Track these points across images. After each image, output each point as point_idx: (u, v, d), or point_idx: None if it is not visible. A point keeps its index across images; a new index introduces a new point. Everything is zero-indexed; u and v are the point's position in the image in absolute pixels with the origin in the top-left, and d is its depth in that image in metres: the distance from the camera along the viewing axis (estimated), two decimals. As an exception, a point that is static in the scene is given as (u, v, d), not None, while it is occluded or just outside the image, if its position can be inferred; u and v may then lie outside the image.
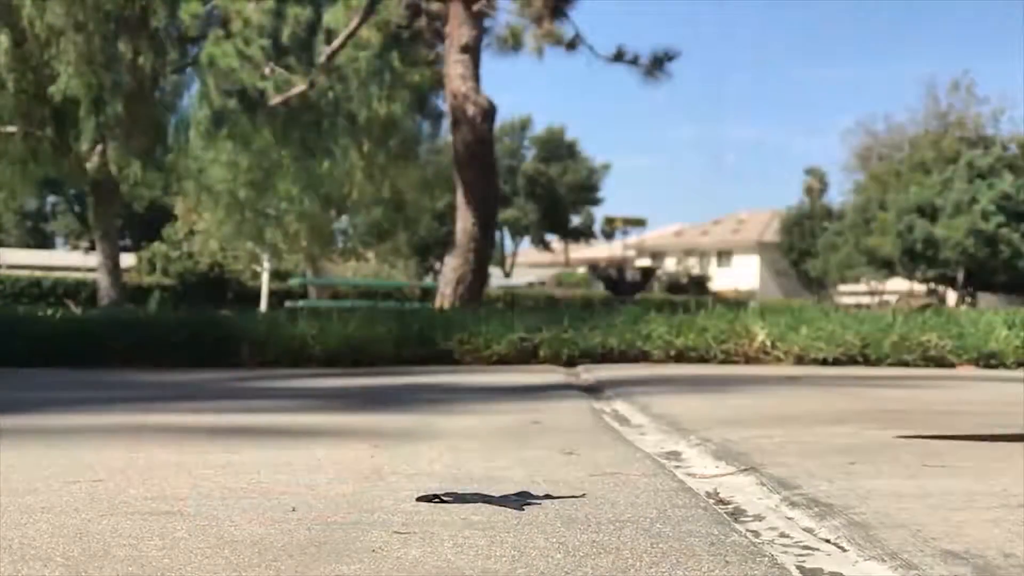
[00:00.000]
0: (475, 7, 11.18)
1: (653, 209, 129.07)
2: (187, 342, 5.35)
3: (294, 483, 1.63)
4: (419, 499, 1.47)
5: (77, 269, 35.07)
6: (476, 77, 11.03)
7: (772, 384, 4.10)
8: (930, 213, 37.02)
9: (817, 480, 1.64)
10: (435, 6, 12.68)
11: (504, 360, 5.29)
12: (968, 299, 35.61)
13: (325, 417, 2.79)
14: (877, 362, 5.52)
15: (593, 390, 3.79)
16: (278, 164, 20.23)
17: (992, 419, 2.70)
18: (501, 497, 1.46)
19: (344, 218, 28.70)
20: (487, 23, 12.21)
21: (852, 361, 5.51)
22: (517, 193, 52.70)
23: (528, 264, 59.34)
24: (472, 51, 11.07)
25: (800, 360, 5.49)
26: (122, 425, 2.55)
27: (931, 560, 1.11)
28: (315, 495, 1.51)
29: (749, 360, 5.52)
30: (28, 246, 49.64)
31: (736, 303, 10.90)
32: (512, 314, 6.25)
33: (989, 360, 5.56)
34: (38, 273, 29.88)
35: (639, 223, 46.97)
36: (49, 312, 6.73)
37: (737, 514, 1.45)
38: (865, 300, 38.77)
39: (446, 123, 15.76)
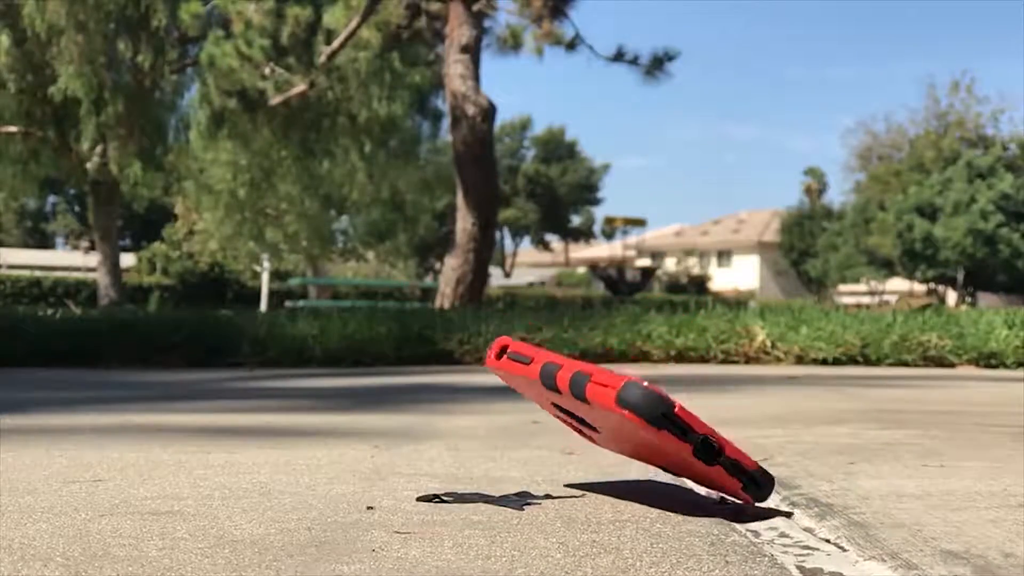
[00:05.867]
0: (475, 7, 11.19)
1: (653, 209, 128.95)
2: (187, 342, 5.35)
3: (294, 483, 1.63)
4: (419, 499, 1.47)
5: (77, 269, 35.07)
6: (476, 77, 11.04)
7: (772, 384, 4.10)
8: (929, 213, 37.03)
9: (817, 480, 1.64)
10: (435, 6, 12.68)
11: (504, 360, 5.28)
12: (968, 299, 35.60)
13: (325, 417, 2.79)
14: (877, 362, 5.52)
15: (593, 390, 3.79)
16: (278, 164, 20.24)
17: (992, 419, 2.70)
18: (501, 497, 1.46)
19: (344, 218, 28.71)
20: (487, 23, 12.23)
21: (852, 361, 5.51)
22: (517, 193, 52.67)
23: (528, 264, 59.33)
24: (472, 51, 11.08)
25: (800, 360, 5.50)
26: (122, 425, 2.55)
27: (931, 560, 1.11)
28: (315, 495, 1.52)
29: (749, 360, 5.52)
30: (28, 246, 49.63)
31: (736, 303, 10.90)
32: (512, 314, 6.25)
33: (989, 360, 5.56)
34: (38, 273, 29.87)
35: (639, 223, 46.89)
36: (49, 312, 6.73)
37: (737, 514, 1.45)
38: (865, 300, 38.75)
39: (446, 123, 15.75)
